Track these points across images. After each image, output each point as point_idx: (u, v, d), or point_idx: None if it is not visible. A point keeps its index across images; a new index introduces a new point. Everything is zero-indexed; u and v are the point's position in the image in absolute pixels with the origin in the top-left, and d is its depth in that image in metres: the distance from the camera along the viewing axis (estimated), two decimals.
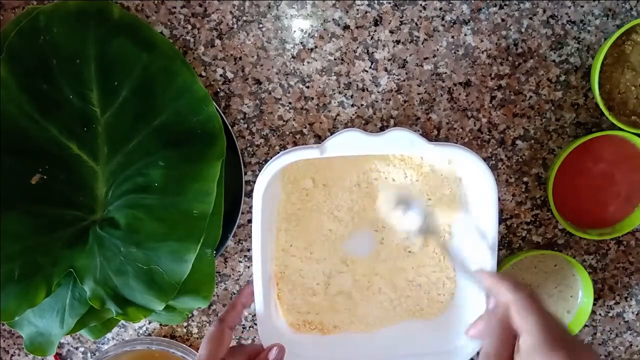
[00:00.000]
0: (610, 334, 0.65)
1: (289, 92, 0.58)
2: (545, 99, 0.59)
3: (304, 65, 0.58)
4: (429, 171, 0.55)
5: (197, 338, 0.64)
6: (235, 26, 0.57)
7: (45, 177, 0.52)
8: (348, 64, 0.58)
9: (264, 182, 0.49)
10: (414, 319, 0.57)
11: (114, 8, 0.52)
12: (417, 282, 0.57)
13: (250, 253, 0.61)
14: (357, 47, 0.57)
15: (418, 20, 0.57)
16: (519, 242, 0.62)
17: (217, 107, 0.55)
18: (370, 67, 0.58)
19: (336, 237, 0.56)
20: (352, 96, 0.58)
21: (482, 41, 0.57)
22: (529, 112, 0.59)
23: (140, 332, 0.64)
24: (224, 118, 0.55)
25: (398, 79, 0.58)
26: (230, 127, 0.57)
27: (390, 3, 0.56)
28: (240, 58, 0.58)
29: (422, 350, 0.54)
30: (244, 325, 0.63)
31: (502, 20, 0.57)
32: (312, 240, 0.56)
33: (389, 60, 0.58)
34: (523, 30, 0.57)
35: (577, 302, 0.62)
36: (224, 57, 0.58)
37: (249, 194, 0.60)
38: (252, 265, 0.51)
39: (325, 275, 0.57)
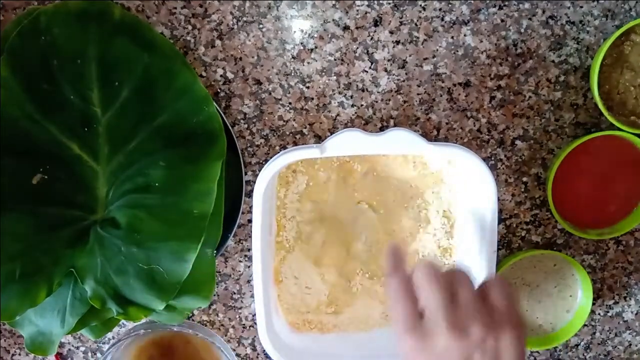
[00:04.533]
0: (610, 333, 0.65)
1: (289, 93, 0.58)
2: (545, 99, 0.59)
3: (304, 65, 0.58)
4: (429, 171, 0.55)
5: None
6: (235, 27, 0.57)
7: (46, 177, 0.52)
8: (348, 64, 0.58)
9: (264, 182, 0.49)
10: None
11: (115, 9, 0.52)
12: None
13: (250, 253, 0.61)
14: (357, 48, 0.58)
15: (418, 20, 0.57)
16: (518, 242, 0.62)
17: (218, 108, 0.55)
18: (370, 68, 0.58)
19: (336, 236, 0.56)
20: (352, 96, 0.59)
21: (481, 42, 0.57)
22: (528, 113, 0.59)
23: None
24: (224, 118, 0.55)
25: (398, 80, 0.58)
26: (230, 128, 0.57)
27: (390, 4, 0.56)
28: (240, 58, 0.58)
29: None
30: (244, 324, 0.63)
31: (502, 20, 0.57)
32: (312, 240, 0.56)
33: (388, 60, 0.58)
34: (522, 30, 0.57)
35: (576, 302, 0.62)
36: (224, 58, 0.58)
37: (249, 194, 0.60)
38: (252, 265, 0.51)
39: (325, 274, 0.57)
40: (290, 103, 0.59)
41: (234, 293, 0.63)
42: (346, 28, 0.57)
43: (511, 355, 0.38)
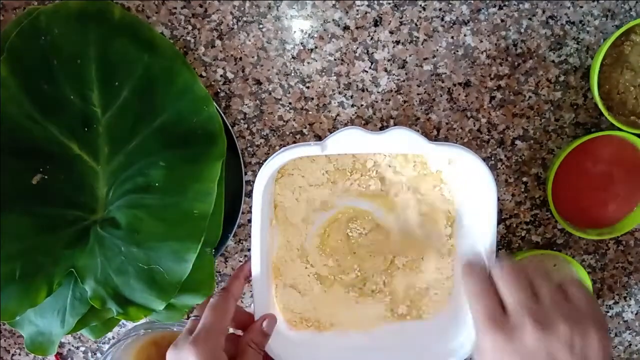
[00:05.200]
0: (610, 333, 0.65)
1: (289, 93, 0.58)
2: (545, 99, 0.59)
3: (304, 65, 0.58)
4: (429, 171, 0.55)
5: None
6: (235, 27, 0.57)
7: (46, 177, 0.52)
8: (348, 64, 0.58)
9: (265, 179, 0.49)
10: (411, 319, 0.57)
11: (115, 9, 0.52)
12: (415, 282, 0.57)
13: (250, 253, 0.61)
14: (357, 48, 0.58)
15: (418, 20, 0.57)
16: (518, 242, 0.62)
17: (218, 108, 0.55)
18: (370, 68, 0.58)
19: (335, 236, 0.56)
20: (352, 96, 0.59)
21: (481, 42, 0.57)
22: (528, 113, 0.59)
23: None
24: (225, 118, 0.55)
25: (398, 80, 0.58)
26: (230, 128, 0.57)
27: (390, 4, 0.57)
28: (240, 58, 0.58)
29: (419, 350, 0.54)
30: None
31: (502, 20, 0.57)
32: (311, 238, 0.56)
33: (388, 60, 0.58)
34: (522, 30, 0.57)
35: None
36: (224, 58, 0.58)
37: (249, 194, 0.60)
38: (251, 264, 0.51)
39: (323, 273, 0.57)
40: (290, 103, 0.59)
41: None
42: (346, 28, 0.57)
43: (599, 355, 0.38)
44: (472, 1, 0.57)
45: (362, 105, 0.59)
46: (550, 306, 0.39)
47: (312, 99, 0.59)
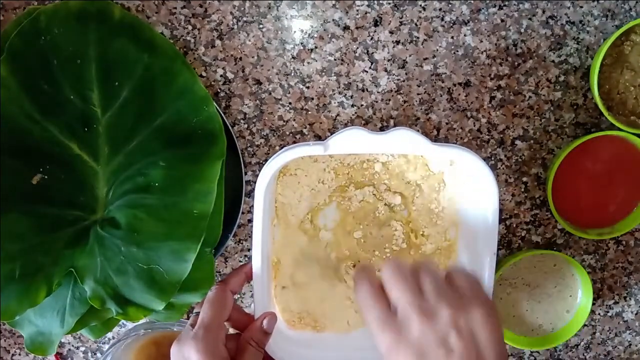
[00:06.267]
0: (610, 333, 0.65)
1: (289, 93, 0.58)
2: (545, 99, 0.59)
3: (304, 65, 0.58)
4: (430, 172, 0.55)
5: None
6: (235, 27, 0.57)
7: (46, 177, 0.52)
8: (348, 64, 0.58)
9: (267, 178, 0.49)
10: None
11: (115, 9, 0.52)
12: None
13: (250, 253, 0.61)
14: (357, 48, 0.58)
15: (418, 20, 0.57)
16: (518, 241, 0.62)
17: (218, 108, 0.55)
18: (370, 68, 0.58)
19: (335, 236, 0.56)
20: (352, 96, 0.59)
21: (481, 42, 0.58)
22: (528, 113, 0.59)
23: None
24: (224, 118, 0.55)
25: (398, 80, 0.58)
26: (230, 127, 0.57)
27: (390, 4, 0.57)
28: (240, 58, 0.58)
29: None
30: None
31: (502, 20, 0.57)
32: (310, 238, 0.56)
33: (388, 60, 0.58)
34: (522, 30, 0.57)
35: (576, 302, 0.62)
36: (224, 58, 0.58)
37: (249, 194, 0.60)
38: (252, 263, 0.51)
39: (322, 273, 0.57)
40: (290, 103, 0.59)
41: None
42: (346, 28, 0.57)
43: (486, 330, 0.39)
44: (472, 1, 0.57)
45: (362, 105, 0.59)
46: (434, 297, 0.40)
47: (312, 99, 0.59)
